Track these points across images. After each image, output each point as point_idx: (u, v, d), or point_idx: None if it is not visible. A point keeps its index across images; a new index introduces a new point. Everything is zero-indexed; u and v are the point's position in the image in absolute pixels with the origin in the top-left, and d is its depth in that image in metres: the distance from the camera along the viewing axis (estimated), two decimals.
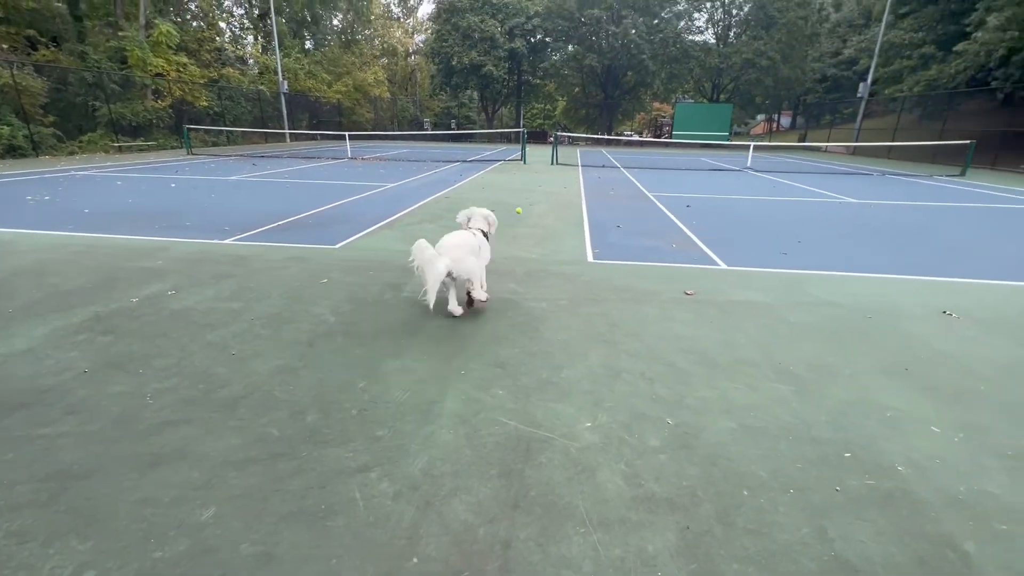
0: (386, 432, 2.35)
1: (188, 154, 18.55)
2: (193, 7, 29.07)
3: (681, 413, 2.54)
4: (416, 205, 8.59)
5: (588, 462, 2.17)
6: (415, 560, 1.68)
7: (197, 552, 1.69)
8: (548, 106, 50.71)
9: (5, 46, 18.06)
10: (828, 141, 28.14)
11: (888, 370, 3.01)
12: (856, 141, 25.49)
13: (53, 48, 19.96)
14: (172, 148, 20.91)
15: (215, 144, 24.17)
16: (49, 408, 2.48)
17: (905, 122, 24.43)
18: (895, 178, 14.55)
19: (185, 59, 23.03)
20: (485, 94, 38.67)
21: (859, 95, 25.72)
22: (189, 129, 19.50)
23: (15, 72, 16.40)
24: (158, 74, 21.54)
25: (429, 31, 40.57)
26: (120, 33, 20.85)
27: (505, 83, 37.46)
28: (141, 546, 1.70)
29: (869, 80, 25.21)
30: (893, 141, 21.18)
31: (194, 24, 28.32)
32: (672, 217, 7.87)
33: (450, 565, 1.66)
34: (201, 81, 24.07)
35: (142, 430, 2.32)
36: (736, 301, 4.14)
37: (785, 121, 46.63)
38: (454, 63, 34.02)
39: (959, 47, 19.22)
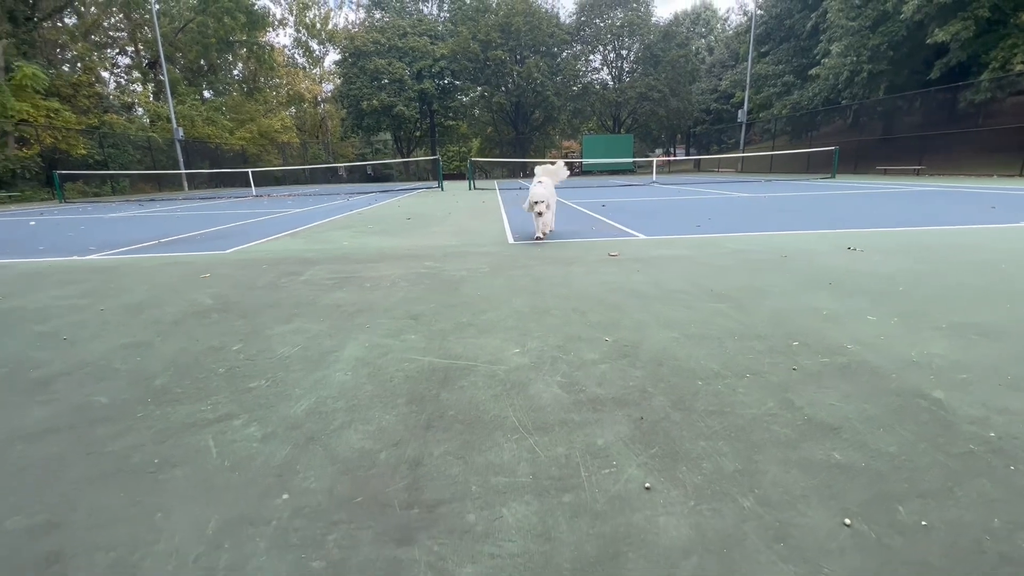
0: (262, 383, 1.83)
1: (61, 203, 16.43)
2: (67, 54, 26.77)
3: (617, 332, 2.26)
4: (326, 220, 8.00)
5: (518, 379, 1.80)
6: (285, 496, 1.20)
7: None
8: (463, 148, 51.81)
9: None
10: (719, 166, 31.00)
11: (813, 285, 2.96)
12: (742, 161, 28.27)
13: None
14: (42, 200, 18.48)
15: (97, 195, 21.71)
16: None
17: (779, 144, 27.54)
18: (778, 182, 16.08)
19: (57, 104, 20.81)
20: (399, 135, 38.72)
21: (739, 120, 28.74)
22: (61, 175, 17.35)
23: None
24: (22, 120, 19.23)
25: (336, 76, 40.30)
26: None
27: (418, 124, 37.78)
28: None
29: (745, 107, 28.31)
30: (772, 151, 23.68)
31: (65, 68, 25.97)
32: (590, 213, 7.92)
33: (335, 495, 1.19)
34: (78, 128, 21.82)
35: None
36: (659, 256, 4.04)
37: (680, 153, 51.10)
38: (363, 106, 33.85)
39: (813, 71, 22.17)
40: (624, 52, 36.80)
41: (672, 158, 42.95)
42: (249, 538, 1.06)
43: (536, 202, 4.72)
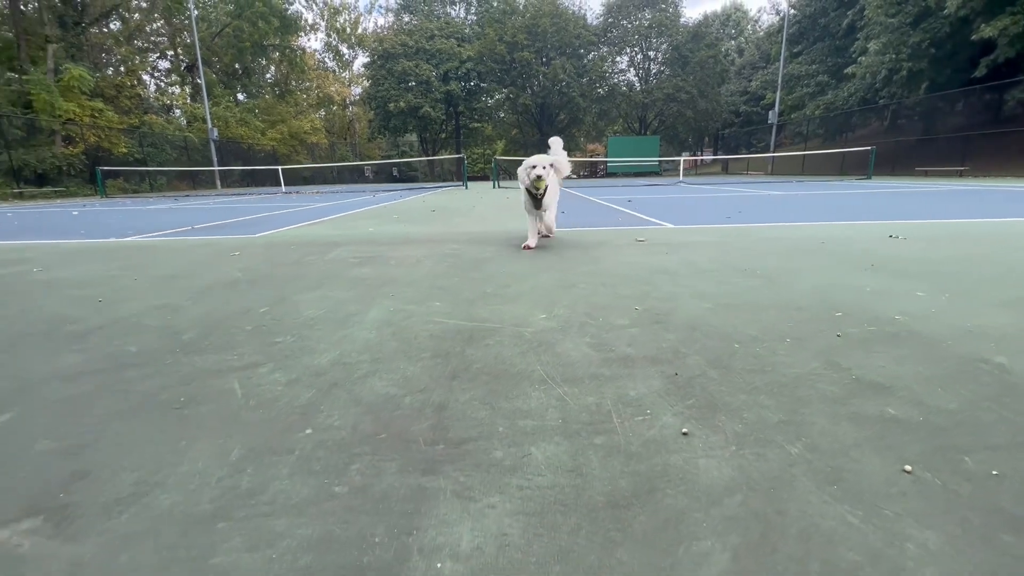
0: (288, 339, 1.83)
1: (102, 198, 17.12)
2: (112, 58, 27.94)
3: (647, 302, 2.18)
4: (351, 212, 8.10)
5: (545, 340, 1.75)
6: (308, 431, 1.17)
7: None
8: (487, 150, 52.08)
9: None
10: (748, 168, 30.33)
11: (854, 267, 2.82)
12: (772, 163, 27.60)
13: None
14: (85, 195, 19.28)
15: (136, 191, 22.56)
16: None
17: (811, 146, 26.79)
18: (811, 183, 15.61)
19: (101, 105, 21.75)
20: (424, 137, 39.16)
21: (769, 122, 28.09)
22: (103, 171, 18.08)
23: None
24: (69, 120, 20.15)
25: (365, 78, 40.99)
26: (24, 77, 19.47)
27: (443, 125, 38.17)
28: None
29: (776, 108, 27.66)
30: (805, 151, 23.03)
31: (110, 71, 27.10)
32: (616, 207, 7.82)
33: (359, 431, 1.16)
34: (120, 127, 22.74)
35: None
36: (688, 241, 3.93)
37: (707, 159, 50.18)
38: (391, 107, 34.36)
39: (849, 70, 21.50)
40: (651, 53, 36.47)
41: (701, 156, 42.21)
42: (271, 464, 1.04)
43: (533, 167, 3.53)
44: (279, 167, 19.82)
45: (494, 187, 17.58)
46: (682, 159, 20.71)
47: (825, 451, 1.04)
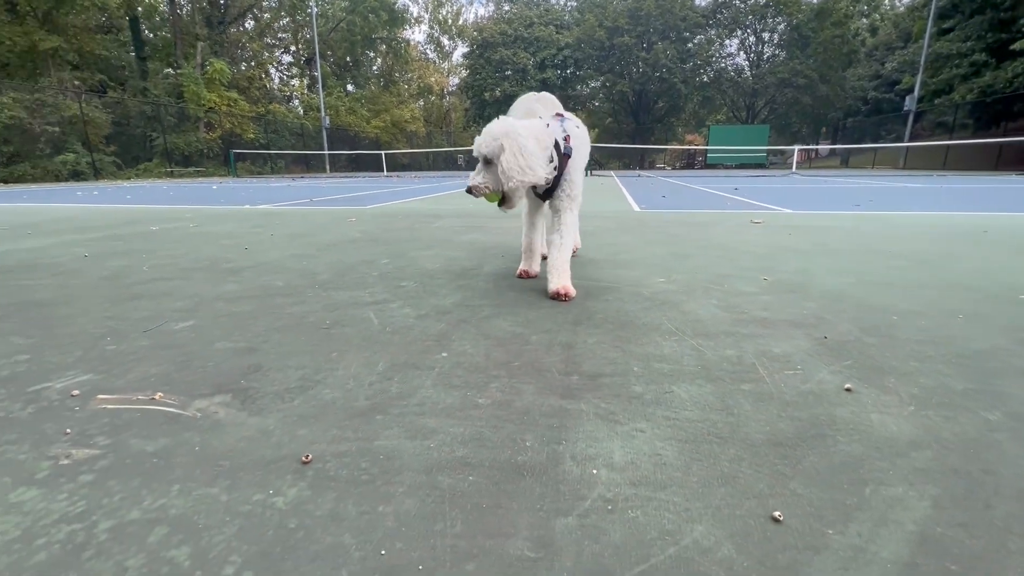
0: (411, 284, 1.92)
1: (234, 178, 19.31)
2: (245, 53, 31.26)
3: (776, 275, 2.01)
4: (450, 192, 8.39)
5: (668, 300, 1.67)
6: (444, 354, 1.22)
7: (158, 346, 1.28)
8: None
9: (77, 82, 19.58)
10: (874, 163, 27.02)
11: None
12: (905, 156, 24.33)
13: (119, 90, 21.63)
14: (220, 175, 21.87)
15: (260, 173, 25.20)
16: (34, 272, 2.19)
17: (958, 136, 23.19)
18: (957, 178, 13.54)
19: (236, 95, 24.45)
20: None
21: (905, 109, 24.73)
22: (236, 154, 20.36)
23: (83, 104, 17.68)
24: (210, 108, 22.89)
25: (463, 68, 42.11)
26: (178, 71, 22.41)
27: None
28: (93, 342, 1.31)
29: (916, 94, 24.26)
30: (951, 141, 19.99)
31: (243, 66, 30.29)
32: (721, 194, 7.34)
33: (492, 358, 1.19)
34: (250, 115, 25.44)
35: (129, 283, 1.98)
36: (813, 225, 3.58)
37: (824, 151, 45.31)
38: (486, 96, 35.00)
39: (1016, 45, 18.24)
40: (766, 35, 33.60)
41: (818, 146, 38.42)
42: (415, 377, 1.09)
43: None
44: (382, 152, 21.05)
45: (587, 174, 17.30)
46: (796, 149, 18.91)
47: None
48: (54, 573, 0.57)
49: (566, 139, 1.69)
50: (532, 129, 1.60)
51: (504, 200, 1.62)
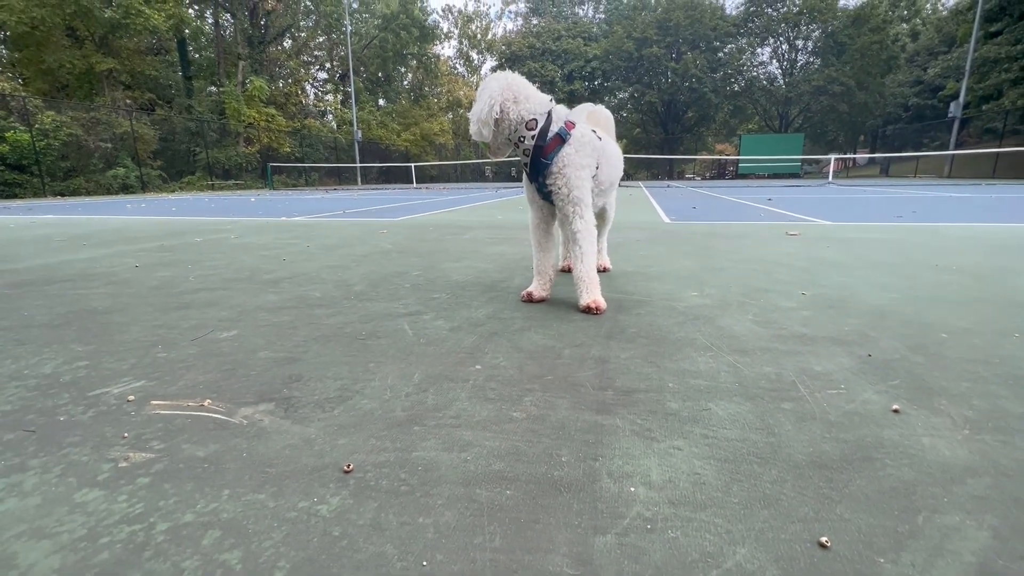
0: (443, 295, 1.95)
1: (271, 191, 20.02)
2: (283, 70, 32.56)
3: (815, 289, 1.96)
4: (479, 204, 8.48)
5: (702, 314, 1.65)
6: (477, 367, 1.23)
7: (205, 354, 1.34)
8: None
9: (129, 101, 20.76)
10: (916, 172, 25.96)
11: None
12: (950, 165, 23.30)
13: (167, 108, 22.83)
14: (257, 188, 22.72)
15: (295, 185, 26.06)
16: (91, 281, 2.32)
17: (1007, 143, 22.08)
18: (1008, 187, 12.88)
19: (273, 111, 25.45)
20: None
21: (950, 115, 23.74)
22: (272, 167, 21.13)
23: (133, 122, 18.72)
24: (249, 124, 23.87)
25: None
26: (220, 89, 23.48)
27: None
28: (145, 349, 1.38)
29: (961, 99, 23.28)
30: (1000, 149, 19.06)
31: (280, 83, 31.51)
32: (754, 204, 7.19)
33: (525, 372, 1.19)
34: (286, 130, 26.41)
35: (177, 292, 2.08)
36: (852, 237, 3.47)
37: (862, 159, 43.79)
38: None
39: None
40: (799, 43, 32.93)
41: (855, 155, 37.26)
42: (450, 389, 1.11)
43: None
44: (412, 165, 21.48)
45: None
46: (832, 158, 18.37)
47: None
48: (118, 571, 0.60)
49: (568, 125, 1.65)
50: (525, 91, 1.63)
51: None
